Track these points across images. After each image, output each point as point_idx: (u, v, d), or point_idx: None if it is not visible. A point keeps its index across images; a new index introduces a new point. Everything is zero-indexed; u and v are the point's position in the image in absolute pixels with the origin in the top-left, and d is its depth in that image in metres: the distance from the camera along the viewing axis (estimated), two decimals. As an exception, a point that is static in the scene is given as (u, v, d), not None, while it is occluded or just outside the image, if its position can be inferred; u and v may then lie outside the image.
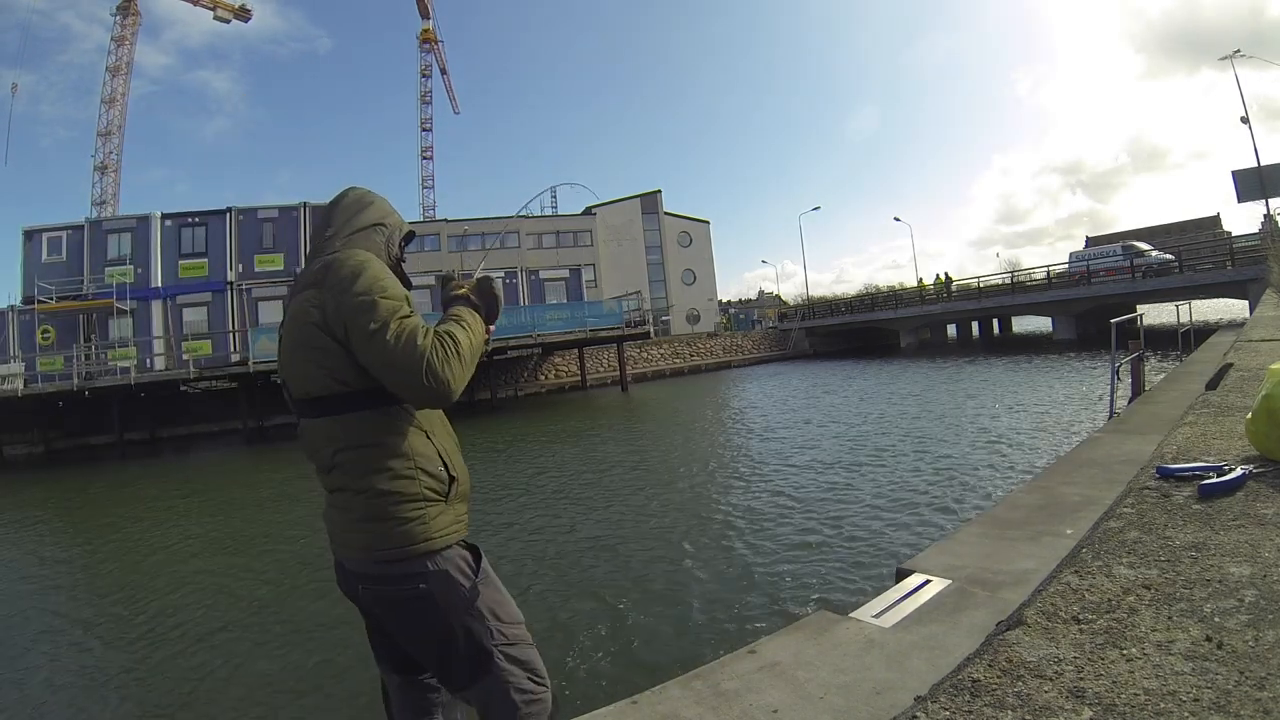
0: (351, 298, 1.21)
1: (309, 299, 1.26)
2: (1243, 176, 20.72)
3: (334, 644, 4.35)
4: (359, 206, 1.44)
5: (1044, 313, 28.16)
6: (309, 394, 1.28)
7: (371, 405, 1.24)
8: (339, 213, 1.42)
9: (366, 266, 1.26)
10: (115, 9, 42.04)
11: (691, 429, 14.19)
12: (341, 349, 1.22)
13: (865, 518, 6.05)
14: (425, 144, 56.70)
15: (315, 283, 1.27)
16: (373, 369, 1.20)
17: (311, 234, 1.47)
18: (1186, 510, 1.48)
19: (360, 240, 1.39)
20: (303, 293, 1.29)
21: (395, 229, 1.47)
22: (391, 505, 1.23)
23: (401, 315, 1.21)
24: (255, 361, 18.31)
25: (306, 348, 1.26)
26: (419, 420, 1.30)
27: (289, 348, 1.31)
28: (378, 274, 1.26)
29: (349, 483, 1.26)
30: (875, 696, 1.88)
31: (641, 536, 6.26)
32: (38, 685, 4.20)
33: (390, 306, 1.21)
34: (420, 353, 1.17)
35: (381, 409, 1.25)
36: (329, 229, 1.39)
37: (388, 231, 1.45)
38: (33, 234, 21.52)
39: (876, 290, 52.51)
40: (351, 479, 1.26)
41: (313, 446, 1.33)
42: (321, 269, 1.29)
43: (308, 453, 1.36)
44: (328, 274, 1.26)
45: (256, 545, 7.52)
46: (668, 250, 43.19)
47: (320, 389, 1.25)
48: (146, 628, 5.01)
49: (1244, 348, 4.67)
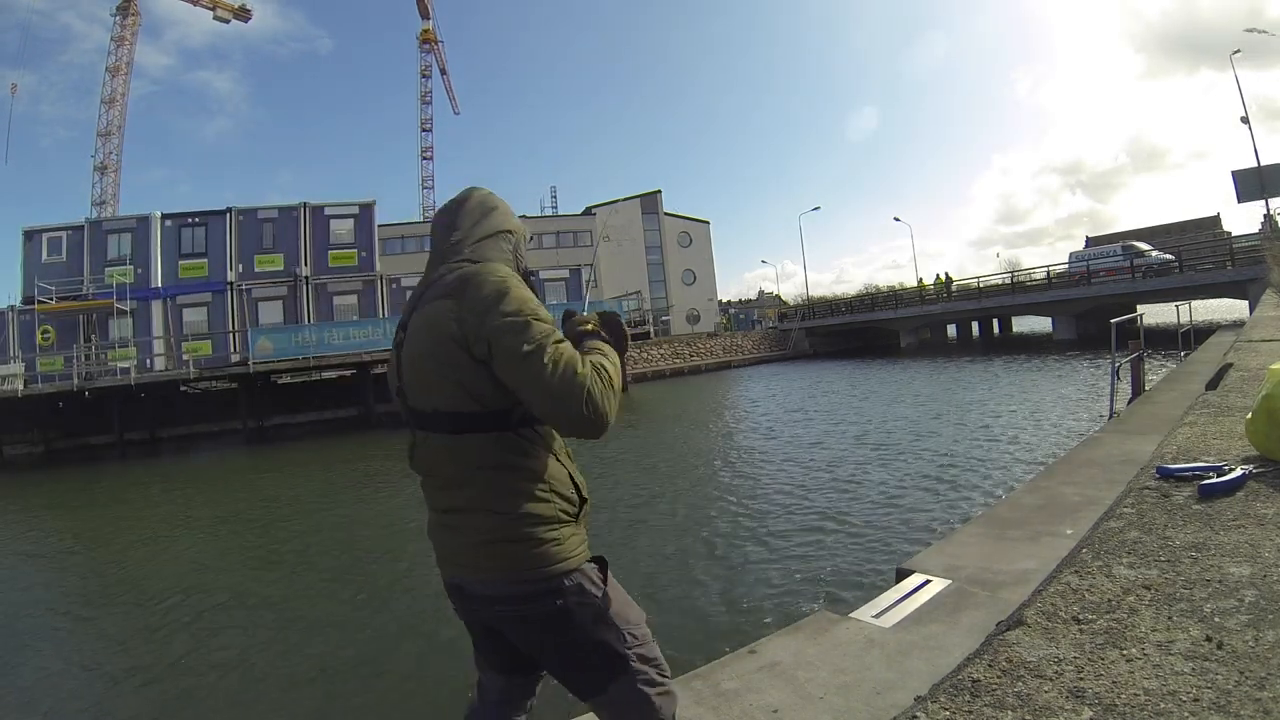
0: (499, 317, 1.17)
1: (446, 309, 1.22)
2: (1243, 176, 20.73)
3: (340, 641, 4.35)
4: (484, 210, 1.38)
5: (1044, 313, 28.16)
6: (436, 408, 1.24)
7: (508, 426, 1.23)
8: (465, 215, 1.36)
9: (510, 283, 1.22)
10: (115, 9, 42.04)
11: (692, 429, 14.19)
12: (481, 367, 1.19)
13: (865, 517, 6.05)
14: (425, 144, 56.73)
15: (452, 294, 1.23)
16: (522, 393, 1.17)
17: (435, 236, 1.39)
18: (1186, 510, 1.48)
19: (489, 248, 1.34)
20: (436, 302, 1.25)
21: (520, 236, 1.42)
22: (528, 527, 1.23)
23: (556, 340, 1.18)
24: (255, 361, 18.31)
25: (438, 360, 1.22)
26: (552, 443, 1.29)
27: (415, 356, 1.27)
28: (525, 294, 1.23)
29: (481, 503, 1.24)
30: (875, 696, 1.88)
31: (645, 536, 6.26)
32: (37, 686, 4.20)
33: (543, 330, 1.18)
34: (580, 382, 1.14)
35: (518, 430, 1.23)
36: (455, 232, 1.34)
37: (514, 239, 1.40)
38: (33, 234, 21.52)
39: (876, 290, 52.54)
40: (485, 500, 1.24)
41: (433, 461, 1.29)
42: (458, 281, 1.23)
43: (423, 467, 1.32)
44: (467, 287, 1.21)
45: (262, 546, 7.53)
46: (668, 250, 43.22)
47: (450, 404, 1.22)
48: (154, 623, 5.01)
49: (1244, 348, 4.67)
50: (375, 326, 20.20)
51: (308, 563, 6.54)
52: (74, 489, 13.34)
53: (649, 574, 5.17)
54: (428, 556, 1.44)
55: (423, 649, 4.15)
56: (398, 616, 4.78)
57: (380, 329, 20.05)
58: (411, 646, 4.21)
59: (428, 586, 4.79)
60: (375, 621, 4.73)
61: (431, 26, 54.47)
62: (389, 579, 5.72)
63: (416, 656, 4.07)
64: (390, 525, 7.89)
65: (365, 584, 5.65)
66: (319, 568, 6.36)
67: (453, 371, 1.20)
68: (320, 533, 7.79)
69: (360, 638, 4.46)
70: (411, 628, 4.50)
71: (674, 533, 6.28)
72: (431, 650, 4.08)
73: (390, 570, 5.99)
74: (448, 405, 1.22)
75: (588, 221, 41.33)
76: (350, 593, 5.46)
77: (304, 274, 22.35)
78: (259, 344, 18.63)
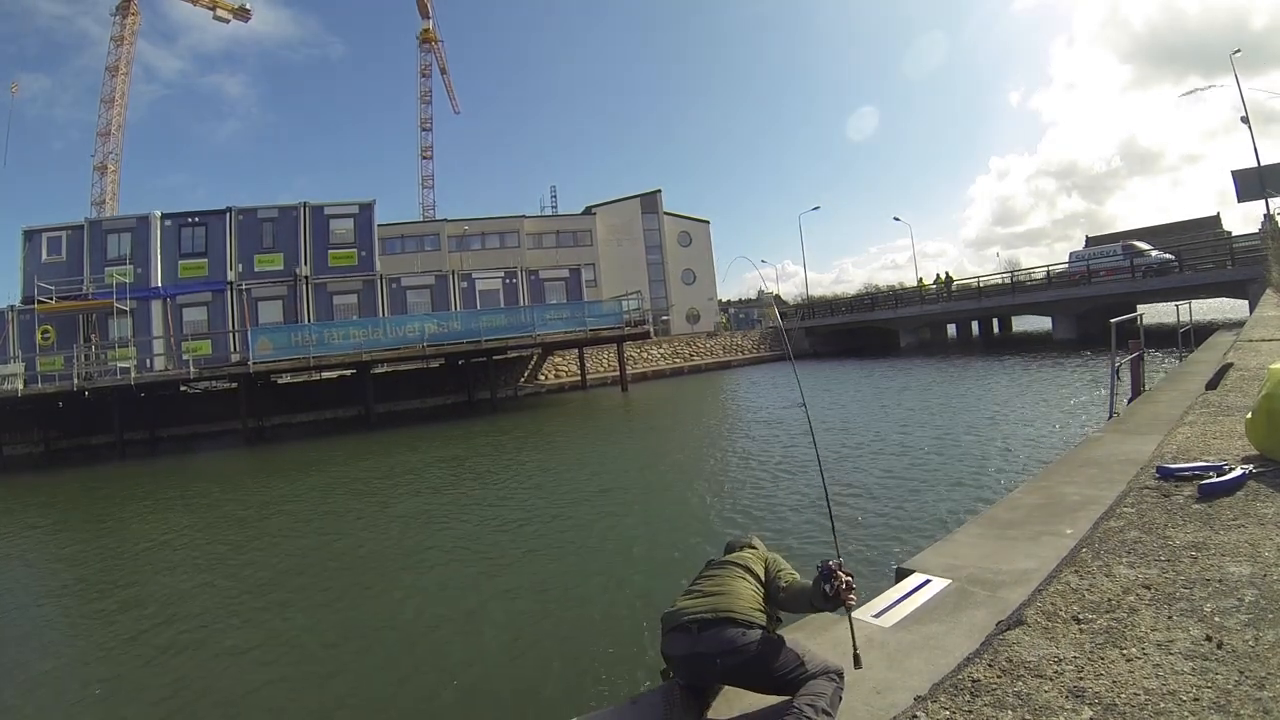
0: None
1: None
2: (1243, 176, 20.74)
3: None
4: None
5: (1044, 312, 28.14)
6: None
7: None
8: None
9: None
10: (114, 9, 42.05)
11: (693, 429, 14.19)
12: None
13: (865, 516, 6.05)
14: (425, 144, 56.79)
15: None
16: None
17: None
18: (1186, 510, 1.48)
19: None
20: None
21: None
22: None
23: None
24: (255, 362, 18.28)
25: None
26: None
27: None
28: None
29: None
30: (875, 696, 1.88)
31: (650, 536, 6.26)
32: (38, 683, 4.20)
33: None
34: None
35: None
36: None
37: None
38: (33, 234, 21.47)
39: (876, 290, 52.47)
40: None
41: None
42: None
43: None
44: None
45: (254, 546, 7.52)
46: (668, 250, 43.19)
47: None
48: (148, 625, 5.01)
49: (1244, 348, 4.67)
50: (375, 326, 20.18)
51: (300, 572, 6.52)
52: (75, 489, 13.33)
53: (647, 573, 5.17)
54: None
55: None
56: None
57: (380, 329, 20.04)
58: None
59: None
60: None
61: (431, 26, 54.53)
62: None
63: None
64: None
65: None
66: (315, 572, 6.36)
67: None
68: (325, 534, 7.79)
69: (392, 638, 4.45)
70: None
71: (676, 533, 6.27)
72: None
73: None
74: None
75: (588, 221, 41.28)
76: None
77: (304, 274, 22.33)
78: (259, 344, 18.61)
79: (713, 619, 1.84)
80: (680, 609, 1.95)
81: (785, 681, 1.75)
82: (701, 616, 1.86)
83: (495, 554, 6.16)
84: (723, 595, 1.93)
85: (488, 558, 6.07)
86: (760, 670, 1.77)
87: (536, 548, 6.28)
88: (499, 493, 9.00)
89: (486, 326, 20.67)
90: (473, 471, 10.94)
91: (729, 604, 1.88)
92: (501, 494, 8.90)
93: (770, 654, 1.78)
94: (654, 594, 4.55)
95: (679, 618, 1.91)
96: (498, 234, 39.00)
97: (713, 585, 2.01)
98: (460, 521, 7.59)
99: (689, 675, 1.89)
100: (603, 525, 6.81)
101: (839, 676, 1.76)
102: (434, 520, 7.77)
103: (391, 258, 30.83)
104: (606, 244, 40.77)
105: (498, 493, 9.01)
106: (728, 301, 55.76)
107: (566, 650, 3.98)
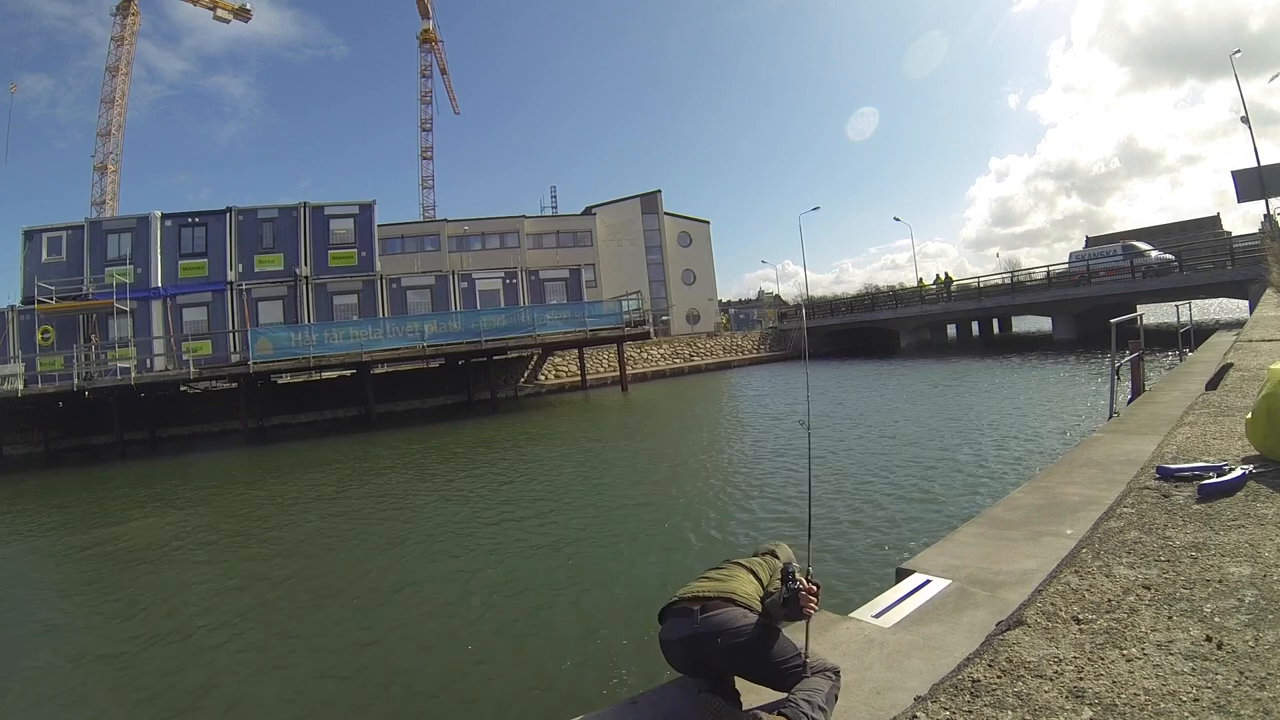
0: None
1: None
2: (1242, 176, 20.72)
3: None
4: None
5: (1044, 313, 28.15)
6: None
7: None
8: None
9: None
10: (114, 9, 42.06)
11: (693, 428, 14.18)
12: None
13: (865, 516, 6.05)
14: (425, 144, 56.79)
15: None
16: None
17: None
18: (1186, 510, 1.47)
19: None
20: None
21: None
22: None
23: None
24: (255, 362, 18.28)
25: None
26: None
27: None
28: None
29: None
30: (875, 696, 1.88)
31: (642, 535, 6.26)
32: (38, 683, 4.20)
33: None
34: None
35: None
36: None
37: None
38: (33, 234, 21.47)
39: (876, 290, 52.45)
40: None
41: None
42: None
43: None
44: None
45: (254, 544, 7.52)
46: (668, 250, 43.19)
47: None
48: (150, 627, 5.01)
49: (1244, 348, 4.67)
50: (375, 326, 20.18)
51: (294, 575, 6.52)
52: (76, 489, 13.33)
53: (646, 574, 5.17)
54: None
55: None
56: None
57: (380, 329, 20.03)
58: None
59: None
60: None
61: (432, 26, 54.52)
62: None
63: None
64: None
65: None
66: (313, 573, 6.36)
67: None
68: (328, 535, 7.79)
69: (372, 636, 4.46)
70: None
71: (675, 533, 6.27)
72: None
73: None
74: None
75: (588, 221, 41.29)
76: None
77: (304, 274, 22.33)
78: (259, 344, 18.60)
79: (714, 597, 1.89)
80: (681, 594, 1.98)
81: (784, 673, 1.76)
82: (703, 596, 1.90)
83: (496, 553, 6.17)
84: (724, 582, 1.98)
85: (488, 558, 6.08)
86: (761, 656, 1.79)
87: (540, 544, 6.29)
88: (500, 492, 9.00)
89: (486, 327, 20.67)
90: (473, 472, 10.95)
91: (731, 588, 1.93)
92: (502, 494, 8.90)
93: (770, 639, 1.81)
94: (654, 595, 4.56)
95: (680, 599, 1.95)
96: (498, 234, 39.03)
97: (716, 574, 2.07)
98: (461, 522, 7.60)
99: (689, 661, 1.90)
100: (603, 526, 6.82)
101: (836, 675, 1.77)
102: (434, 521, 7.79)
103: (391, 258, 30.81)
104: (606, 244, 40.78)
105: (498, 493, 9.01)
106: (728, 302, 55.80)
107: (567, 650, 3.98)
